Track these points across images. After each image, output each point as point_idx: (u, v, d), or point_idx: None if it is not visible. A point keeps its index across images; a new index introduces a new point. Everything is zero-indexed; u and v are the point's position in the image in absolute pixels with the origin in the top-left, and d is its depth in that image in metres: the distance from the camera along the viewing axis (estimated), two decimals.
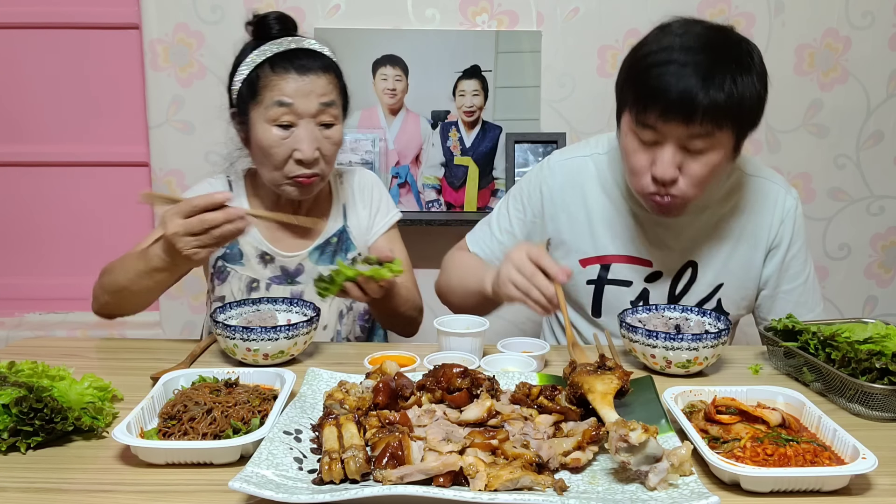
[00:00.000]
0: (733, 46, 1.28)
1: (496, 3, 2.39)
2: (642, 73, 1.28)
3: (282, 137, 1.43)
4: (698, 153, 1.28)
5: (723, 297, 1.52)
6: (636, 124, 1.29)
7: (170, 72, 2.39)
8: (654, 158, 1.29)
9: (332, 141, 1.47)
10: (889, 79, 2.47)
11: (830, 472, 0.86)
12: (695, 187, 1.31)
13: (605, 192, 1.51)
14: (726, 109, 1.23)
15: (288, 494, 0.79)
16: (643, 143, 1.31)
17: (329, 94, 1.45)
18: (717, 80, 1.22)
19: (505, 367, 1.25)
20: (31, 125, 2.52)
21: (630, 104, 1.30)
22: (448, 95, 2.44)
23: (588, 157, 1.54)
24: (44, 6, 2.43)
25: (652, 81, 1.25)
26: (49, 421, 0.96)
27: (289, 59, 1.43)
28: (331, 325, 1.58)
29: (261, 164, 1.50)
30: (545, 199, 1.54)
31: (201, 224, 1.22)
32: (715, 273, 1.50)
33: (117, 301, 1.43)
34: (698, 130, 1.24)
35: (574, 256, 1.53)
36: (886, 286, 2.66)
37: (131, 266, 1.36)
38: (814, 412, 1.00)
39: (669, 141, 1.27)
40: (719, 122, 1.24)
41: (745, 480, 0.86)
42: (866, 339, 1.14)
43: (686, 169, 1.29)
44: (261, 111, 1.43)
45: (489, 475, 0.84)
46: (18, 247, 2.61)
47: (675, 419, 0.99)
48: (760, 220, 1.49)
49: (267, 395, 1.06)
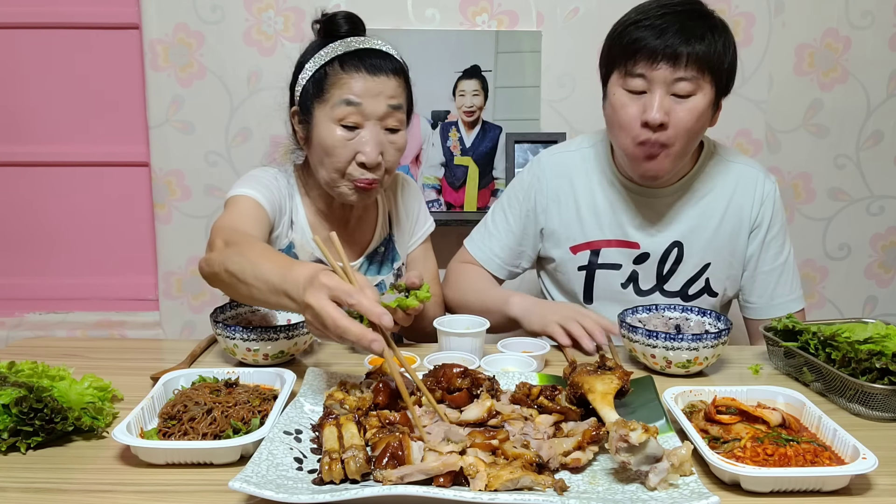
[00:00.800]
0: (708, 13, 1.42)
1: (496, 3, 2.39)
2: (628, 30, 1.40)
3: (346, 138, 1.38)
4: (684, 98, 1.38)
5: (710, 277, 1.57)
6: (626, 76, 1.40)
7: (170, 72, 2.38)
8: (644, 106, 1.39)
9: (396, 146, 1.43)
10: (889, 79, 2.47)
11: (831, 472, 0.86)
12: (682, 136, 1.40)
13: (592, 181, 1.59)
14: (707, 57, 1.36)
15: (288, 494, 0.79)
16: (632, 95, 1.40)
17: (398, 96, 1.41)
18: (699, 31, 1.36)
19: (505, 367, 1.25)
20: (31, 125, 2.52)
21: (618, 61, 1.41)
22: (448, 95, 2.44)
23: (574, 151, 1.63)
24: (44, 6, 2.43)
25: (639, 33, 1.37)
26: (49, 421, 0.96)
27: (359, 58, 1.39)
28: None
29: (320, 164, 1.43)
30: (537, 193, 1.62)
31: (334, 327, 0.98)
32: (701, 253, 1.56)
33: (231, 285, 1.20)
34: (683, 74, 1.36)
35: (565, 244, 1.61)
36: (886, 286, 2.66)
37: (266, 269, 1.11)
38: (814, 412, 1.00)
39: (657, 86, 1.37)
40: (701, 68, 1.37)
41: (745, 480, 0.86)
42: (866, 339, 1.14)
43: (673, 115, 1.38)
44: (326, 110, 1.39)
45: (489, 475, 0.84)
46: (18, 247, 2.61)
47: (675, 419, 0.99)
48: (742, 201, 1.56)
49: (267, 395, 1.06)
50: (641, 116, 1.39)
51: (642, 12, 1.40)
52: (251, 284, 1.13)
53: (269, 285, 1.10)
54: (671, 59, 1.35)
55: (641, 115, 1.39)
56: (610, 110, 1.45)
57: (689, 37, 1.35)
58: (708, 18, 1.40)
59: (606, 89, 1.47)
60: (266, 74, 2.38)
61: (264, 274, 1.11)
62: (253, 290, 1.13)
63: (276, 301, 1.10)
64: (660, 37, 1.35)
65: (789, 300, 1.59)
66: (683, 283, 1.57)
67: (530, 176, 1.64)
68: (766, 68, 2.41)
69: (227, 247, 1.23)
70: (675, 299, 1.57)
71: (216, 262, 1.21)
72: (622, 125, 1.42)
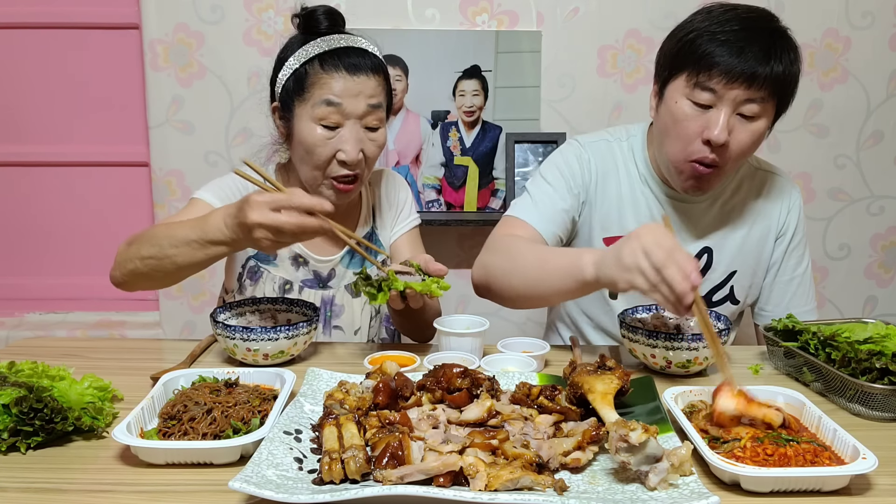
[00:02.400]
0: (784, 32, 1.35)
1: (496, 3, 2.39)
2: (705, 39, 1.32)
3: (327, 137, 1.39)
4: (749, 119, 1.33)
5: (735, 285, 1.55)
6: (695, 87, 1.33)
7: (170, 72, 2.38)
8: (708, 122, 1.33)
9: (376, 143, 1.44)
10: (889, 79, 2.47)
11: (830, 472, 0.86)
12: (736, 156, 1.37)
13: (632, 175, 1.53)
14: (783, 80, 1.31)
15: (288, 494, 0.79)
16: (697, 107, 1.34)
17: (377, 95, 1.42)
18: (780, 52, 1.30)
19: (505, 367, 1.25)
20: (31, 125, 2.52)
21: (689, 68, 1.34)
22: (448, 95, 2.44)
23: (612, 142, 1.56)
24: (44, 6, 2.43)
25: (716, 47, 1.30)
26: (49, 421, 0.96)
27: (339, 57, 1.39)
28: (363, 328, 1.59)
29: (301, 162, 1.45)
30: (584, 170, 1.53)
31: (290, 226, 1.12)
32: (729, 259, 1.54)
33: (152, 269, 1.29)
34: (756, 95, 1.31)
35: (599, 234, 1.54)
36: (886, 286, 2.66)
37: (181, 234, 1.23)
38: (814, 412, 1.00)
39: (726, 104, 1.32)
40: (774, 91, 1.32)
41: (745, 480, 0.86)
42: (866, 339, 1.14)
43: (734, 136, 1.34)
44: (307, 108, 1.40)
45: (489, 475, 0.84)
46: (18, 247, 2.61)
47: (676, 419, 0.99)
48: (770, 208, 1.55)
49: (267, 395, 1.06)
50: (704, 133, 1.33)
51: (717, 22, 1.32)
52: (172, 255, 1.24)
53: (190, 243, 1.21)
54: (748, 81, 1.29)
55: (704, 131, 1.33)
56: (669, 119, 1.38)
57: (769, 58, 1.29)
58: (786, 38, 1.33)
59: (664, 92, 1.40)
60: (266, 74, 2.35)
61: (181, 237, 1.22)
62: (177, 258, 1.24)
63: (203, 255, 1.22)
64: (740, 55, 1.28)
65: (804, 311, 1.54)
66: (709, 290, 1.54)
67: (573, 157, 1.53)
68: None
69: (129, 245, 1.32)
70: None
71: (124, 262, 1.32)
72: (681, 136, 1.36)
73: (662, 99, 1.41)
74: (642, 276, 1.09)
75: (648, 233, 1.11)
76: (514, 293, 1.37)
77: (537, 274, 1.30)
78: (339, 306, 1.55)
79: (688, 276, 1.06)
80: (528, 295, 1.34)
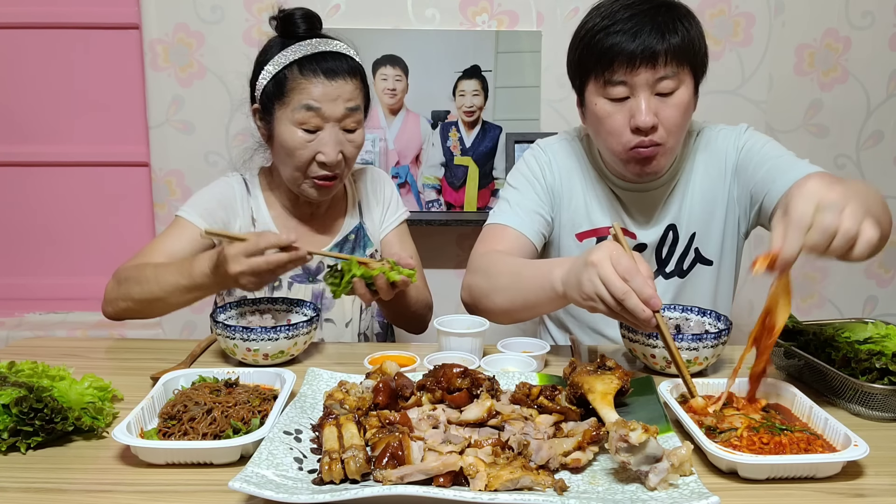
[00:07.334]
0: (672, 4, 1.38)
1: (496, 3, 2.39)
2: (599, 37, 1.36)
3: (307, 140, 1.43)
4: (668, 95, 1.36)
5: (698, 246, 1.55)
6: (606, 85, 1.37)
7: (170, 72, 2.39)
8: (632, 111, 1.36)
9: (354, 144, 1.48)
10: (889, 79, 2.47)
11: (825, 458, 0.88)
12: (673, 133, 1.38)
13: (589, 172, 1.57)
14: (685, 49, 1.34)
15: (288, 494, 0.79)
16: (616, 102, 1.37)
17: (355, 98, 1.45)
18: (669, 25, 1.33)
19: (505, 367, 1.25)
20: (31, 125, 2.52)
21: (595, 70, 1.38)
22: (448, 95, 2.44)
23: (570, 140, 1.61)
24: (44, 6, 2.43)
25: (612, 39, 1.34)
26: (49, 421, 0.96)
27: (317, 62, 1.43)
28: (354, 318, 1.61)
29: (282, 163, 1.50)
30: (545, 172, 1.58)
31: (268, 266, 1.23)
32: (687, 225, 1.55)
33: (143, 308, 1.41)
34: (664, 72, 1.34)
35: (570, 231, 1.57)
36: (886, 286, 2.66)
37: (171, 280, 1.34)
38: (804, 402, 1.03)
39: (640, 89, 1.35)
40: (681, 61, 1.35)
41: (742, 468, 0.88)
42: (866, 339, 1.14)
43: (661, 115, 1.36)
44: (287, 112, 1.43)
45: (489, 475, 0.84)
46: (18, 247, 2.61)
47: (671, 410, 1.00)
48: (717, 158, 1.53)
49: (267, 395, 1.06)
50: (630, 122, 1.36)
51: (607, 16, 1.36)
52: (164, 298, 1.36)
53: (179, 287, 1.33)
54: (650, 61, 1.32)
55: (630, 121, 1.36)
56: (595, 121, 1.42)
57: (663, 33, 1.32)
58: (674, 9, 1.37)
59: (584, 98, 1.44)
60: None
61: (170, 283, 1.34)
62: (168, 300, 1.36)
63: (192, 297, 1.36)
64: (634, 39, 1.32)
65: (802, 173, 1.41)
66: (677, 261, 1.56)
67: (534, 161, 1.58)
68: (766, 68, 2.40)
69: (120, 284, 1.42)
70: (674, 279, 1.56)
71: (115, 300, 1.42)
72: (612, 132, 1.40)
73: (585, 105, 1.45)
74: (604, 305, 1.09)
75: (604, 258, 1.07)
76: (498, 310, 1.38)
77: (515, 291, 1.32)
78: (330, 299, 1.57)
79: (649, 301, 1.05)
80: (511, 311, 1.36)
